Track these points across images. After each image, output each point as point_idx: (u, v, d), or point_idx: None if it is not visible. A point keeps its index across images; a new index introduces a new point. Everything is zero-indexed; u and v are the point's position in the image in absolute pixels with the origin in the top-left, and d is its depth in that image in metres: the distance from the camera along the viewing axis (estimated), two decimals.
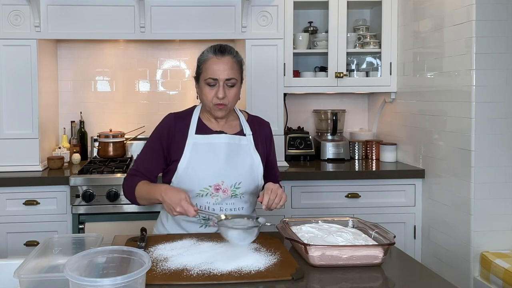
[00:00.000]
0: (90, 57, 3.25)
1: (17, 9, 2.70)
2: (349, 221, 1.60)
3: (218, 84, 1.67)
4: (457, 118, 2.43)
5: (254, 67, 2.85)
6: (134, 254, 1.15)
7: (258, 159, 1.76)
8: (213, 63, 1.68)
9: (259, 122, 1.86)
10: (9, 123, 2.73)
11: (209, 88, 1.69)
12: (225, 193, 1.69)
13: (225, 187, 1.69)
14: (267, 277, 1.23)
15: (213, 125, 1.78)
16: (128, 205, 2.57)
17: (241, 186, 1.71)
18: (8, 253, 2.57)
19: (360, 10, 3.29)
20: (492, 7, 2.29)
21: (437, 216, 2.62)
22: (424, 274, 1.32)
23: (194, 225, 1.73)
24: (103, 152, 3.05)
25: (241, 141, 1.75)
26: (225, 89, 1.68)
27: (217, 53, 1.69)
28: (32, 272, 1.22)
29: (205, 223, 1.72)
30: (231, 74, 1.68)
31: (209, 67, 1.68)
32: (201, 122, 1.78)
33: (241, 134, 1.78)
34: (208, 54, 1.71)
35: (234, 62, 1.70)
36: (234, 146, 1.73)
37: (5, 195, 2.57)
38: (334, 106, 3.43)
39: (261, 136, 1.82)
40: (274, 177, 1.87)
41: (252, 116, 1.88)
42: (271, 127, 1.89)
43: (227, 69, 1.67)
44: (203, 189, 1.69)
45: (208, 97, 1.70)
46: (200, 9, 2.80)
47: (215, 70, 1.67)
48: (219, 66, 1.67)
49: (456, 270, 2.44)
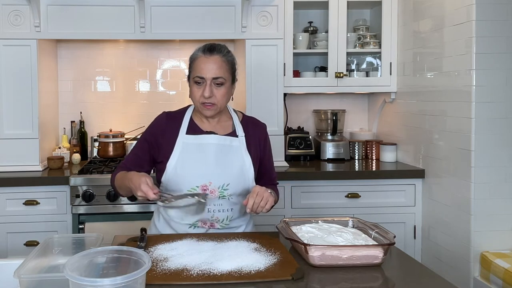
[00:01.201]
0: (90, 57, 3.25)
1: (17, 9, 2.70)
2: (349, 221, 1.60)
3: (206, 82, 1.66)
4: (457, 118, 2.43)
5: (254, 67, 2.85)
6: (134, 254, 1.15)
7: (249, 161, 1.74)
8: (201, 62, 1.67)
9: (254, 123, 1.84)
10: (9, 123, 2.73)
11: (197, 86, 1.69)
12: (213, 194, 1.68)
13: (213, 188, 1.68)
14: (267, 277, 1.23)
15: (204, 125, 1.77)
16: (128, 205, 2.57)
17: (229, 187, 1.69)
18: (8, 253, 2.57)
19: (360, 10, 3.29)
20: (492, 7, 2.29)
21: (437, 216, 2.62)
22: (424, 274, 1.32)
23: (183, 225, 1.72)
24: (103, 152, 3.05)
25: (232, 142, 1.74)
26: (212, 88, 1.66)
27: (206, 52, 1.68)
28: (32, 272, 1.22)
29: (194, 224, 1.71)
30: (219, 73, 1.66)
31: (197, 65, 1.68)
32: (193, 122, 1.77)
33: (233, 135, 1.76)
34: (197, 53, 1.71)
35: (223, 61, 1.68)
36: (224, 147, 1.72)
37: (5, 195, 2.57)
38: (334, 106, 3.43)
39: (255, 138, 1.79)
40: (270, 179, 1.85)
41: (248, 117, 1.86)
42: (267, 129, 1.86)
43: (214, 68, 1.66)
44: (190, 189, 1.68)
45: (195, 96, 1.69)
46: (200, 9, 2.80)
47: (202, 69, 1.66)
48: (206, 65, 1.66)
49: (456, 270, 2.44)
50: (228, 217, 1.72)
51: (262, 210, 1.60)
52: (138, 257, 1.13)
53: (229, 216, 1.72)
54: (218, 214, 1.70)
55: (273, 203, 1.67)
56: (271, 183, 1.85)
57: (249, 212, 1.61)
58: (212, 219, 1.70)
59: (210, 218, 1.70)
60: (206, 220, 1.70)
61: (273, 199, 1.66)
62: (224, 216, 1.71)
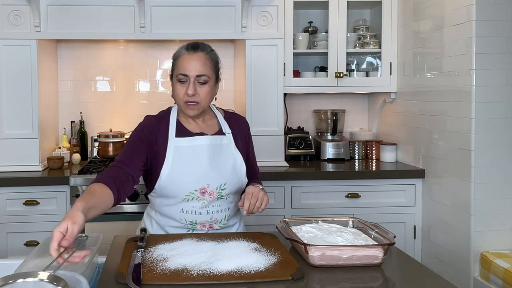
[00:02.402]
0: (90, 57, 3.25)
1: (17, 9, 2.70)
2: (349, 221, 1.60)
3: (189, 80, 1.63)
4: (457, 118, 2.43)
5: (254, 67, 2.85)
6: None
7: (240, 158, 1.73)
8: (185, 59, 1.65)
9: (236, 119, 1.83)
10: (9, 123, 2.73)
11: (180, 85, 1.66)
12: (211, 196, 1.67)
13: (211, 189, 1.67)
14: (267, 277, 1.23)
15: (192, 126, 1.74)
16: (128, 205, 2.57)
17: (226, 186, 1.69)
18: (8, 253, 2.57)
19: (360, 10, 3.29)
20: (492, 7, 2.29)
21: (437, 216, 2.62)
22: (424, 274, 1.32)
23: (180, 230, 1.69)
24: (103, 152, 3.05)
25: (222, 141, 1.72)
26: (196, 86, 1.64)
27: (190, 50, 1.66)
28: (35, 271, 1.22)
29: (192, 228, 1.69)
30: (203, 71, 1.64)
31: (181, 63, 1.65)
32: (180, 124, 1.73)
33: (221, 133, 1.75)
34: (181, 50, 1.68)
35: (206, 59, 1.66)
36: (215, 147, 1.70)
37: (5, 195, 2.57)
38: (334, 106, 3.43)
39: (240, 133, 1.79)
40: (255, 172, 1.85)
41: (229, 113, 1.85)
42: (248, 123, 1.85)
43: (198, 65, 1.64)
44: (188, 194, 1.65)
45: (179, 95, 1.66)
46: (200, 9, 2.80)
47: (186, 66, 1.64)
48: (190, 62, 1.64)
49: (456, 270, 2.44)
50: (226, 217, 1.72)
51: (258, 211, 1.61)
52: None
53: (227, 215, 1.72)
54: (217, 215, 1.69)
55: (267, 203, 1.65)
56: (256, 176, 1.85)
57: (246, 214, 1.60)
58: (211, 220, 1.69)
59: (209, 220, 1.69)
60: (205, 222, 1.69)
61: (267, 197, 1.65)
62: (222, 216, 1.71)
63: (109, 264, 1.35)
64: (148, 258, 1.36)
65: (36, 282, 1.06)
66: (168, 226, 1.71)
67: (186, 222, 1.68)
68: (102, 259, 1.42)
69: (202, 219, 1.68)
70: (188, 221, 1.68)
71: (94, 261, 1.17)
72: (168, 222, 1.71)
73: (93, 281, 1.28)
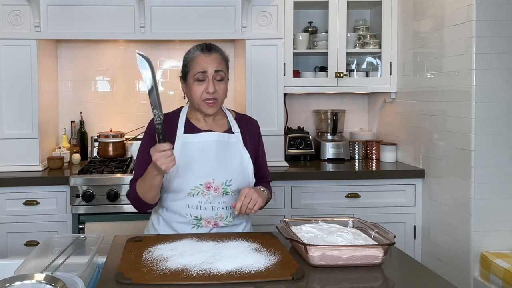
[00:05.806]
0: (90, 57, 3.25)
1: (17, 9, 2.70)
2: (349, 221, 1.60)
3: (208, 78, 1.67)
4: (457, 118, 2.43)
5: (254, 67, 2.85)
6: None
7: (248, 156, 1.75)
8: (202, 59, 1.69)
9: (247, 120, 1.86)
10: (9, 123, 2.73)
11: (198, 84, 1.69)
12: (217, 191, 1.69)
13: (216, 185, 1.69)
14: (267, 277, 1.23)
15: (201, 124, 1.77)
16: (128, 205, 2.57)
17: (232, 183, 1.70)
18: (8, 253, 2.57)
19: (360, 10, 3.29)
20: (492, 7, 2.29)
21: (437, 216, 2.62)
22: (424, 274, 1.32)
23: (186, 226, 1.71)
24: (103, 152, 3.05)
25: (230, 139, 1.75)
26: (214, 83, 1.68)
27: (205, 51, 1.71)
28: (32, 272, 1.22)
29: (198, 224, 1.71)
30: (220, 67, 1.69)
31: (198, 63, 1.69)
32: (189, 122, 1.77)
33: (230, 131, 1.78)
34: (195, 51, 1.72)
35: (221, 58, 1.72)
36: (223, 143, 1.73)
37: (5, 195, 2.57)
38: (334, 106, 3.43)
39: (250, 133, 1.82)
40: (264, 176, 1.86)
41: (240, 114, 1.88)
42: (259, 126, 1.88)
43: (215, 63, 1.69)
44: (194, 188, 1.68)
45: (197, 94, 1.69)
46: (200, 9, 2.80)
47: (203, 64, 1.68)
48: (207, 62, 1.68)
49: (456, 270, 2.44)
50: (231, 214, 1.73)
51: (251, 212, 1.63)
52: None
53: (232, 213, 1.73)
54: (222, 212, 1.70)
55: (262, 204, 1.67)
56: (265, 180, 1.86)
57: (237, 214, 1.63)
58: (216, 217, 1.70)
59: (215, 216, 1.70)
60: (210, 218, 1.70)
61: (262, 200, 1.66)
62: (227, 213, 1.72)
63: (109, 264, 1.35)
64: (148, 258, 1.36)
65: (34, 284, 1.06)
66: (174, 221, 1.73)
67: (191, 217, 1.70)
68: (102, 259, 1.42)
69: (207, 214, 1.69)
70: (193, 216, 1.69)
71: (94, 261, 1.17)
72: (174, 217, 1.73)
73: (93, 281, 1.28)
